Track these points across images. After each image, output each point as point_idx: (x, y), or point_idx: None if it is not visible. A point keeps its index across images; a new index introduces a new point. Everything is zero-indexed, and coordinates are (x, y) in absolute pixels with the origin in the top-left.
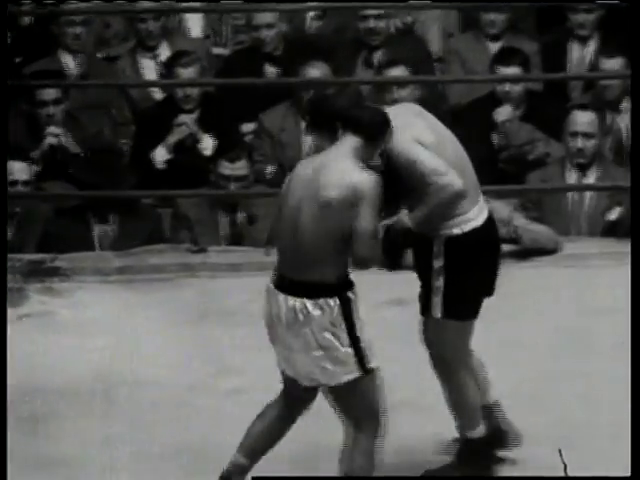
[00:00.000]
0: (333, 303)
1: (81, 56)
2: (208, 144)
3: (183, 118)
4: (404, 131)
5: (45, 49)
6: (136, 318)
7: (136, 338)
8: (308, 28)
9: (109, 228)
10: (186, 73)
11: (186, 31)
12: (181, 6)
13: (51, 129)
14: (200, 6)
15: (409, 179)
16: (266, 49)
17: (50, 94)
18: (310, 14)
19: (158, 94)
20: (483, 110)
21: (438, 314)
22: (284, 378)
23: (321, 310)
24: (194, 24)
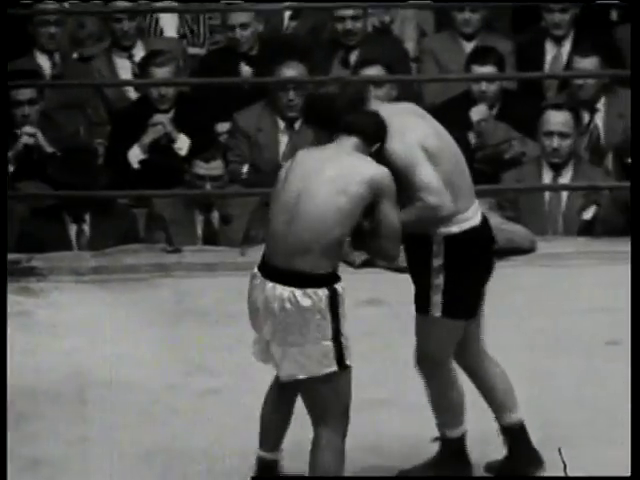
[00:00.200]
0: (322, 294)
1: (56, 56)
2: (183, 144)
3: (158, 118)
4: (408, 133)
5: (20, 49)
6: (111, 318)
7: (111, 338)
8: (285, 28)
9: (84, 228)
10: (161, 73)
11: (161, 31)
12: (156, 6)
13: (26, 129)
14: (175, 6)
15: (404, 182)
16: (242, 49)
17: (25, 94)
18: (287, 14)
19: (133, 94)
20: (458, 109)
21: (438, 313)
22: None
23: (310, 300)
24: (169, 24)
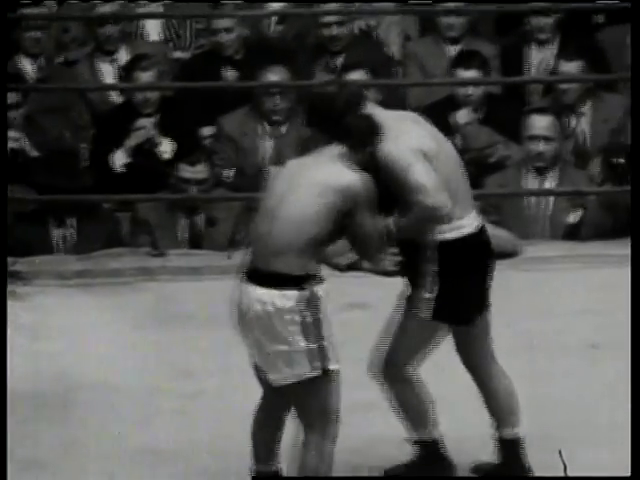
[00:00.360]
0: (302, 297)
1: (40, 60)
2: (167, 148)
3: (142, 122)
4: (403, 136)
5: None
6: (96, 322)
7: (96, 341)
8: (271, 32)
9: (69, 232)
10: (145, 77)
11: (145, 35)
12: (141, 11)
13: (10, 133)
14: (160, 11)
15: (400, 185)
16: (226, 53)
17: (9, 98)
18: (273, 18)
19: (117, 98)
20: (442, 113)
21: (428, 316)
22: (257, 374)
23: (289, 302)
24: (153, 28)
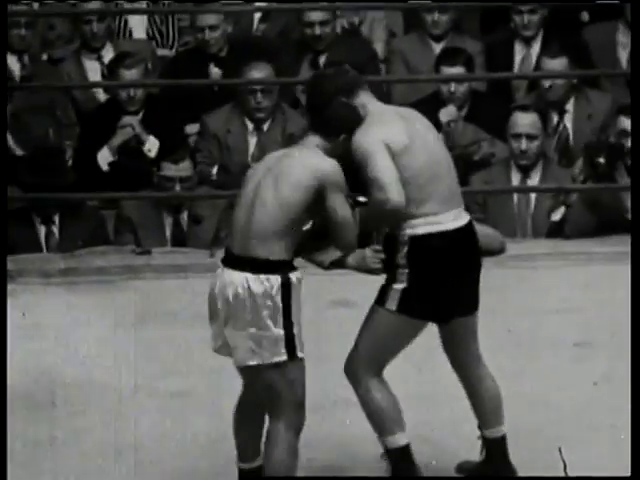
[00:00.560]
0: (274, 281)
1: (25, 57)
2: (152, 146)
3: (127, 120)
4: (375, 128)
5: None
6: (81, 320)
7: (81, 339)
8: (255, 30)
9: (54, 230)
10: (129, 75)
11: (130, 32)
12: (125, 7)
13: None
14: (144, 8)
15: (364, 175)
16: (211, 50)
17: None
18: (257, 15)
19: (103, 95)
20: (427, 110)
21: (393, 307)
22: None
23: (262, 286)
24: (138, 25)
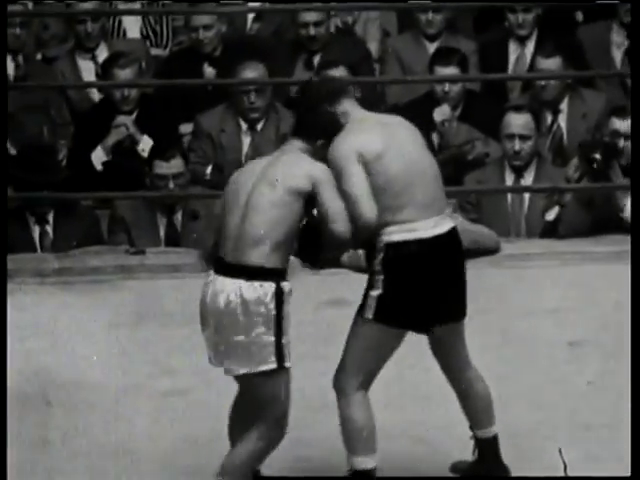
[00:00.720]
0: (269, 288)
1: (19, 57)
2: (147, 145)
3: (121, 119)
4: (350, 136)
5: None
6: (75, 319)
7: (75, 339)
8: (249, 30)
9: (48, 229)
10: (123, 74)
11: (124, 32)
12: (119, 8)
13: None
14: (138, 8)
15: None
16: (205, 50)
17: None
18: (251, 15)
19: (97, 95)
20: (421, 110)
21: (370, 316)
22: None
23: (255, 293)
24: (132, 25)
